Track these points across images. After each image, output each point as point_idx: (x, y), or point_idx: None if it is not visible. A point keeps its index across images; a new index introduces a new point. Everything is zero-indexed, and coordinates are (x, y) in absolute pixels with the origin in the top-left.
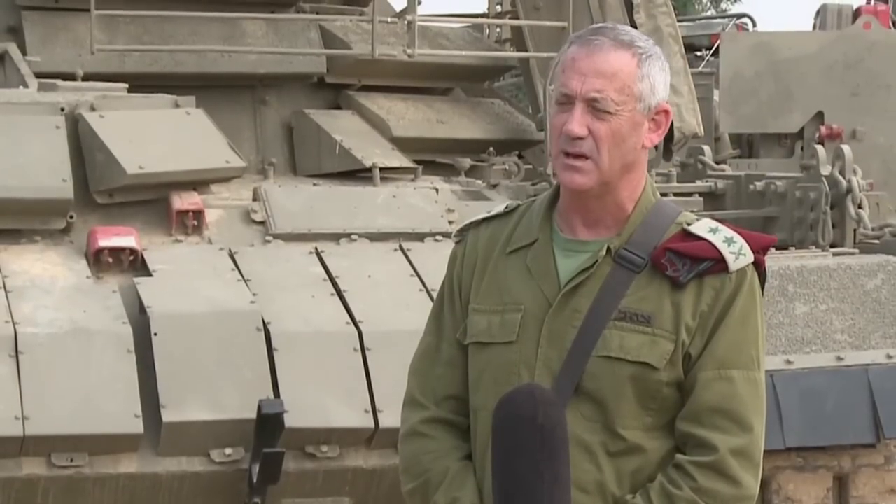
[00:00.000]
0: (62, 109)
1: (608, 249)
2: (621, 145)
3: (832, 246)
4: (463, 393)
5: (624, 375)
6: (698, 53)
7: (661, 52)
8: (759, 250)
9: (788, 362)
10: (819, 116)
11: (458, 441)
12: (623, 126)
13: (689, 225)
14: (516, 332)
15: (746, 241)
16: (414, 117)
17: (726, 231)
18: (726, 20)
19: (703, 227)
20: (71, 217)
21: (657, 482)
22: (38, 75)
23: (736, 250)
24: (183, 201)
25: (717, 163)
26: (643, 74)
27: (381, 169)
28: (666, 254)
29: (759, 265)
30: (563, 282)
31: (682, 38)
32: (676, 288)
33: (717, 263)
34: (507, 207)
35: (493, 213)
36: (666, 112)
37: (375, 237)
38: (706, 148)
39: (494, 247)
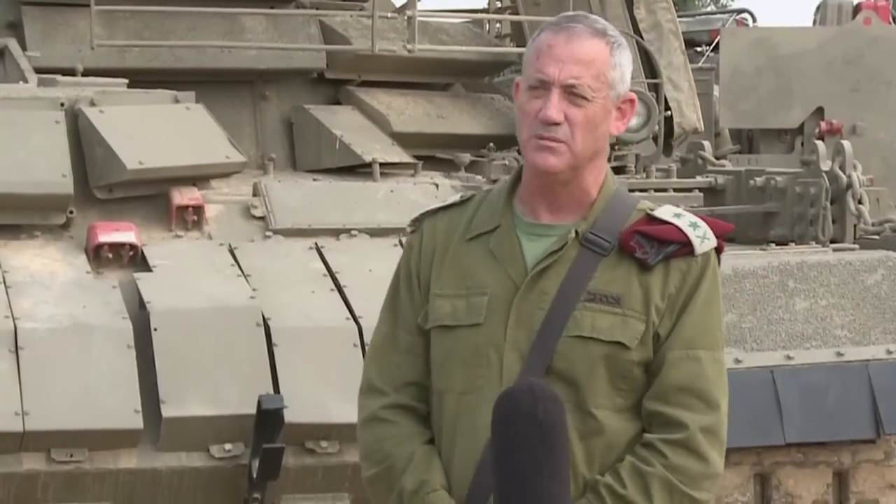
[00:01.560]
0: (62, 105)
1: (576, 233)
2: (594, 131)
3: (832, 241)
4: (422, 379)
5: (597, 355)
6: (698, 49)
7: (626, 43)
8: (719, 236)
9: (788, 358)
10: (819, 112)
11: (420, 426)
12: (597, 112)
13: (652, 210)
14: (483, 315)
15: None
16: (414, 113)
17: (690, 216)
18: (726, 16)
19: (668, 212)
20: (71, 212)
21: (627, 461)
22: (38, 70)
23: (701, 234)
24: (183, 196)
25: (717, 158)
26: (615, 63)
27: (381, 164)
28: (634, 236)
29: (719, 250)
30: (531, 265)
31: (682, 33)
32: (644, 270)
33: (684, 247)
34: (462, 197)
35: (448, 202)
36: (632, 101)
37: (375, 232)
38: (706, 143)
39: (453, 234)
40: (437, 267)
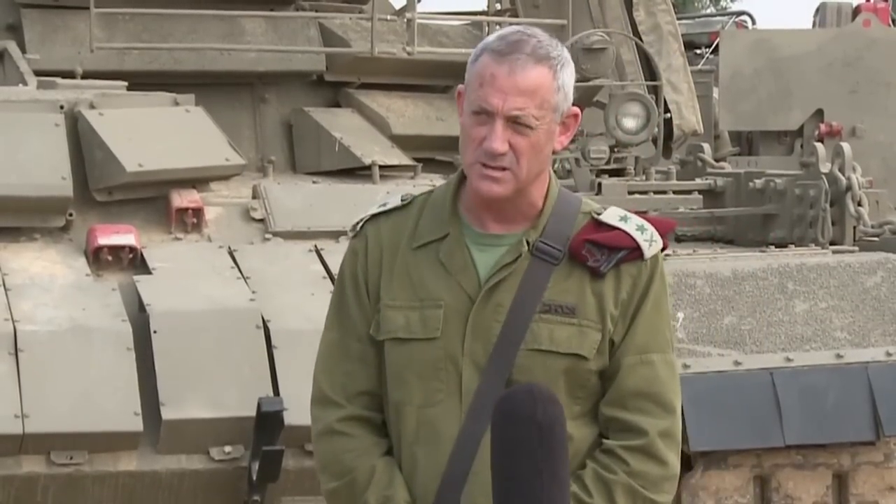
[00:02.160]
0: (61, 107)
1: (527, 243)
2: (539, 155)
3: (832, 243)
4: (375, 388)
5: (557, 368)
6: (698, 51)
7: (569, 56)
8: (664, 234)
9: (788, 360)
10: (818, 114)
11: (377, 437)
12: (541, 137)
13: (598, 214)
14: (439, 329)
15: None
16: (413, 115)
17: (636, 219)
18: (726, 18)
19: (613, 216)
20: (70, 215)
21: (589, 469)
22: (38, 73)
23: (648, 237)
24: (182, 199)
25: (717, 160)
26: (559, 85)
27: (381, 167)
28: (585, 245)
29: (663, 248)
30: (483, 277)
31: (682, 35)
32: (596, 278)
33: (633, 251)
34: (403, 199)
35: (389, 206)
36: (575, 116)
37: None
38: (706, 145)
39: (399, 240)
40: (385, 274)
